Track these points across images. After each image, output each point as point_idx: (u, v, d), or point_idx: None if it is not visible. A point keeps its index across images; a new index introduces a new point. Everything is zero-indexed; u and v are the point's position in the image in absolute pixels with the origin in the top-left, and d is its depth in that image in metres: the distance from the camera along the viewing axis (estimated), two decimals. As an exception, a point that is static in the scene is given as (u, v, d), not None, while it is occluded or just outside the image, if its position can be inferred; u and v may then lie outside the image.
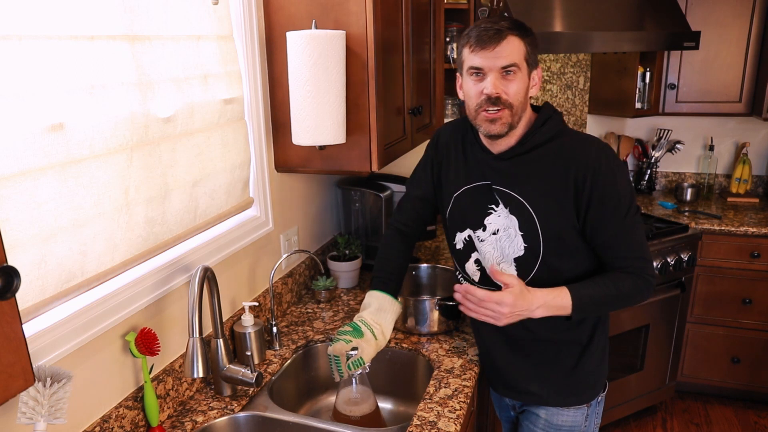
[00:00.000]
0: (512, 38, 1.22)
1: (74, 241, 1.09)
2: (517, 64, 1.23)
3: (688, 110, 2.98)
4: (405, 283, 1.97)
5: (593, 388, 1.48)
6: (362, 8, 1.56)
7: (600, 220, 1.28)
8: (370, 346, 1.39)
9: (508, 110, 1.25)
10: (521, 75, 1.24)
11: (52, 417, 0.96)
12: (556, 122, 1.32)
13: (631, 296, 1.33)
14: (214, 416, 1.37)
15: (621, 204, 1.27)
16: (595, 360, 1.45)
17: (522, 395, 1.50)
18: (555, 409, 1.46)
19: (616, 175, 1.27)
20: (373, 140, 1.67)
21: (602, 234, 1.29)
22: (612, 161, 1.28)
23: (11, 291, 0.66)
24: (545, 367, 1.44)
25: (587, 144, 1.30)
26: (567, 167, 1.27)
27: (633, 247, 1.31)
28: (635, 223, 1.30)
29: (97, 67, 1.10)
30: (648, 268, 1.33)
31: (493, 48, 1.21)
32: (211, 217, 1.51)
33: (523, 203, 1.31)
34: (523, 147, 1.30)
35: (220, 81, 1.48)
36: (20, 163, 0.96)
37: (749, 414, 2.92)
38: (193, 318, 1.24)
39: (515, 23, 1.24)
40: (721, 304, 2.83)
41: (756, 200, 3.11)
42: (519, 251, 1.33)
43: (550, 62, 3.15)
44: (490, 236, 1.36)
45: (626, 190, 1.29)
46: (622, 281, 1.31)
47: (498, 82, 1.23)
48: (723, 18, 2.79)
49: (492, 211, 1.36)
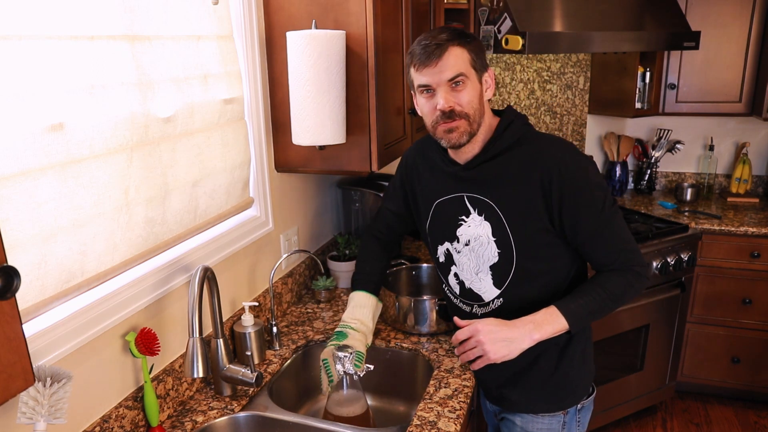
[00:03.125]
0: (453, 49, 1.22)
1: (74, 241, 1.09)
2: (464, 73, 1.22)
3: (688, 110, 2.98)
4: (405, 283, 1.98)
5: (573, 395, 1.44)
6: (362, 8, 1.56)
7: (575, 218, 1.26)
8: (356, 340, 1.45)
9: (465, 120, 1.25)
10: (471, 83, 1.24)
11: (52, 417, 0.96)
12: (518, 126, 1.31)
13: (625, 293, 1.30)
14: (214, 416, 1.37)
15: (594, 199, 1.25)
16: (575, 363, 1.42)
17: (499, 401, 1.49)
18: (530, 416, 1.44)
19: (584, 171, 1.26)
20: (373, 140, 1.67)
21: (581, 233, 1.27)
22: (576, 157, 1.27)
23: (11, 291, 0.66)
24: (523, 373, 1.41)
25: (550, 143, 1.29)
26: (532, 169, 1.26)
27: (614, 241, 1.29)
28: (612, 215, 1.28)
29: (97, 67, 1.10)
30: (634, 259, 1.30)
31: (436, 63, 1.21)
32: (211, 217, 1.51)
33: (494, 208, 1.31)
34: (487, 154, 1.30)
35: (220, 81, 1.48)
36: (20, 163, 0.96)
37: (749, 414, 2.92)
38: (193, 318, 1.24)
39: (454, 33, 1.23)
40: (721, 304, 2.83)
41: (756, 200, 3.11)
42: (493, 258, 1.33)
43: (550, 62, 3.15)
44: (464, 247, 1.37)
45: (597, 184, 1.27)
46: (610, 281, 1.29)
47: (448, 96, 1.23)
48: (723, 18, 2.79)
49: (462, 222, 1.36)
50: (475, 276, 1.38)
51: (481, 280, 1.37)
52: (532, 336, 1.27)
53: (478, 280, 1.37)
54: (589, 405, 1.48)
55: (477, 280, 1.38)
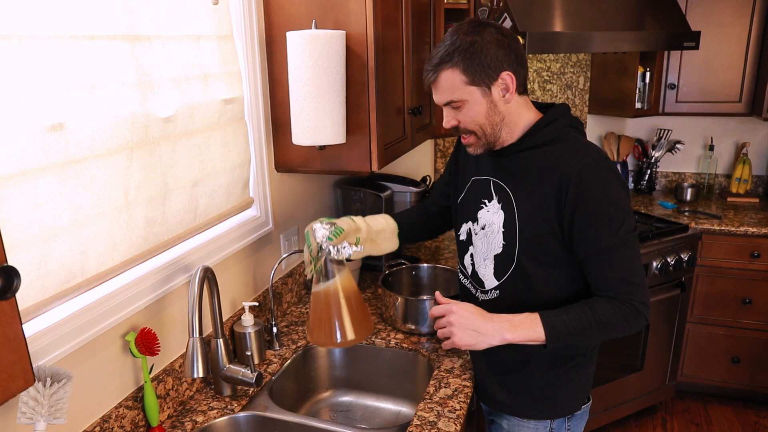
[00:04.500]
0: (445, 73, 1.22)
1: (74, 241, 1.09)
2: (457, 98, 1.23)
3: (688, 110, 2.98)
4: (405, 283, 1.98)
5: (560, 406, 1.40)
6: (362, 8, 1.56)
7: (584, 232, 1.19)
8: (344, 222, 1.40)
9: (473, 135, 1.27)
10: (470, 102, 1.23)
11: (52, 417, 0.96)
12: (558, 126, 1.27)
13: (615, 325, 1.21)
14: (214, 416, 1.37)
15: (610, 218, 1.18)
16: (567, 375, 1.37)
17: (488, 400, 1.47)
18: (516, 420, 1.42)
19: (606, 184, 1.18)
20: (373, 140, 1.67)
21: (586, 248, 1.20)
22: (602, 169, 1.19)
23: (11, 291, 0.66)
24: (512, 375, 1.39)
25: (579, 149, 1.23)
26: (554, 170, 1.22)
27: (620, 268, 1.20)
28: (627, 241, 1.19)
29: (97, 67, 1.10)
30: (638, 293, 1.20)
31: (434, 86, 1.25)
32: (211, 217, 1.51)
33: (511, 199, 1.29)
34: (521, 145, 1.29)
35: (220, 81, 1.48)
36: (20, 163, 0.96)
37: (749, 414, 2.92)
38: (193, 318, 1.24)
39: (447, 52, 1.20)
40: (721, 304, 2.83)
41: (756, 200, 3.11)
42: (498, 248, 1.32)
43: (550, 62, 3.15)
44: (480, 230, 1.37)
45: (618, 202, 1.19)
46: (604, 308, 1.20)
47: (449, 115, 1.27)
48: (723, 18, 2.79)
49: (483, 206, 1.36)
50: (482, 262, 1.37)
51: (486, 267, 1.35)
52: (504, 335, 1.24)
53: (484, 267, 1.36)
54: (582, 414, 1.44)
55: (483, 266, 1.37)
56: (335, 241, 1.32)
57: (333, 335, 1.32)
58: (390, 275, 1.89)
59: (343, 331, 1.32)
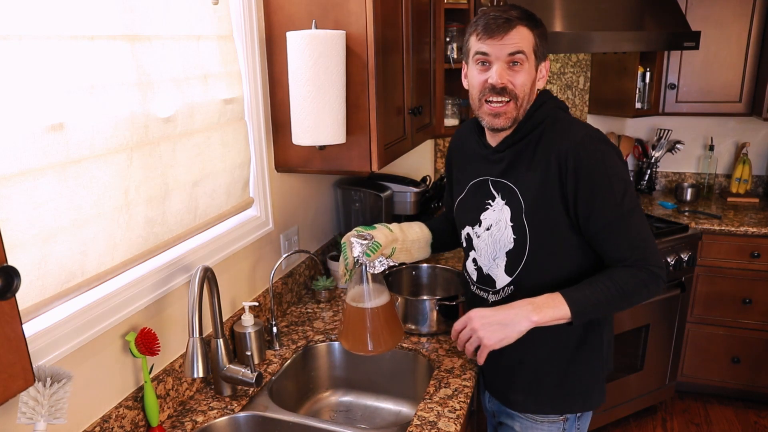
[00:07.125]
0: (521, 28, 1.20)
1: (74, 241, 1.09)
2: (525, 52, 1.21)
3: (688, 110, 2.98)
4: (405, 283, 1.98)
5: (579, 399, 1.39)
6: (362, 8, 1.56)
7: (590, 207, 1.20)
8: (382, 233, 1.38)
9: (513, 102, 1.23)
10: (528, 66, 1.22)
11: (52, 417, 0.96)
12: (548, 108, 1.28)
13: (635, 292, 1.22)
14: (214, 416, 1.37)
15: (613, 189, 1.20)
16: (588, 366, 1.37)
17: (503, 398, 1.45)
18: (529, 422, 1.41)
19: (602, 157, 1.20)
20: (373, 140, 1.67)
21: (594, 223, 1.21)
22: (598, 141, 1.21)
23: (11, 291, 0.66)
24: (530, 372, 1.38)
25: (571, 127, 1.25)
26: (550, 152, 1.22)
27: (630, 236, 1.22)
28: (632, 209, 1.21)
29: (97, 67, 1.10)
30: (651, 257, 1.22)
31: (501, 37, 1.19)
32: (211, 217, 1.51)
33: (515, 192, 1.28)
34: (515, 136, 1.29)
35: (220, 81, 1.48)
36: (20, 163, 0.96)
37: (749, 414, 2.92)
38: (193, 318, 1.24)
39: (525, 13, 1.22)
40: (721, 304, 2.83)
41: (756, 200, 3.11)
42: (509, 244, 1.30)
43: (550, 62, 3.15)
44: (484, 232, 1.36)
45: (615, 173, 1.21)
46: (621, 276, 1.22)
47: (504, 72, 1.21)
48: (723, 18, 2.79)
49: (488, 207, 1.35)
50: (492, 262, 1.35)
51: (497, 265, 1.34)
52: (530, 317, 1.21)
53: (495, 266, 1.35)
54: (586, 417, 1.44)
55: (494, 266, 1.35)
56: (372, 257, 1.34)
57: (366, 344, 1.36)
58: (390, 275, 1.89)
59: (376, 341, 1.36)
